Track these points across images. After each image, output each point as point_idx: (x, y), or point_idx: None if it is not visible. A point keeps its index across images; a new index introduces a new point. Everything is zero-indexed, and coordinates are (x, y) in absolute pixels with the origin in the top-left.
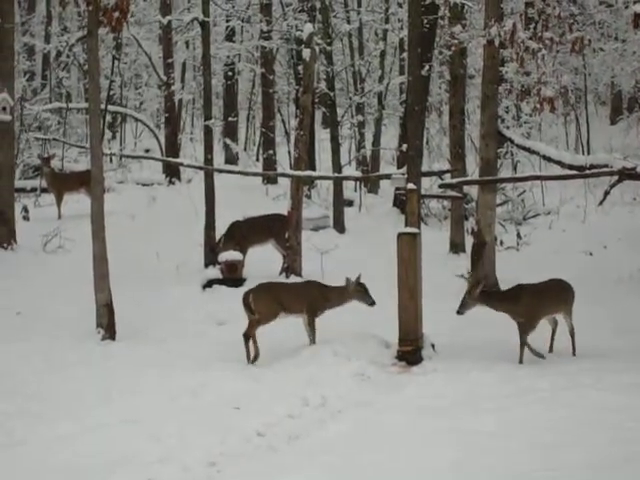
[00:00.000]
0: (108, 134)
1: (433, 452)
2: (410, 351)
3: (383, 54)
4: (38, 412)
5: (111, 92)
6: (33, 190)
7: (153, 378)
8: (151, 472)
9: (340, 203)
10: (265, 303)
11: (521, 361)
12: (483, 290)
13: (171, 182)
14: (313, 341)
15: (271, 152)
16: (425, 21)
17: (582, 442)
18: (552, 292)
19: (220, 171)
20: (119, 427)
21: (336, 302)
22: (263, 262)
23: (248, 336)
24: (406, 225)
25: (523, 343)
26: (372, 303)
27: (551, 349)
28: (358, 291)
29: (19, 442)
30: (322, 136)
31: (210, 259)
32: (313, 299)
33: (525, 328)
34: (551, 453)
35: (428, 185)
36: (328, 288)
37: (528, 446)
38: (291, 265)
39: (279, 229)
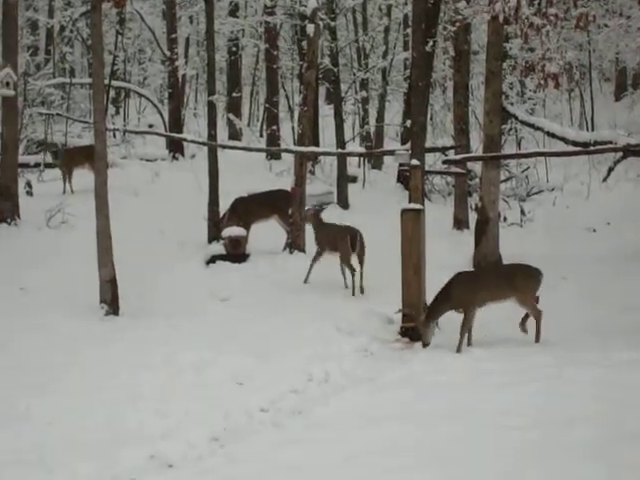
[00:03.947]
0: (112, 109)
1: (437, 428)
2: (413, 327)
3: (387, 30)
4: (41, 387)
5: (115, 67)
6: (37, 165)
7: (156, 354)
8: (155, 447)
9: (344, 179)
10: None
11: (459, 350)
12: (426, 312)
13: (175, 158)
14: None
15: (275, 128)
16: None
17: (589, 418)
18: (495, 279)
19: (224, 147)
20: (123, 402)
21: None
22: (267, 238)
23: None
24: (410, 201)
25: (461, 332)
26: None
27: (537, 339)
28: None
29: (22, 416)
30: (326, 112)
31: (214, 235)
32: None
33: (465, 317)
34: (558, 429)
35: (432, 161)
36: None
37: (535, 421)
38: (294, 241)
39: (283, 205)
